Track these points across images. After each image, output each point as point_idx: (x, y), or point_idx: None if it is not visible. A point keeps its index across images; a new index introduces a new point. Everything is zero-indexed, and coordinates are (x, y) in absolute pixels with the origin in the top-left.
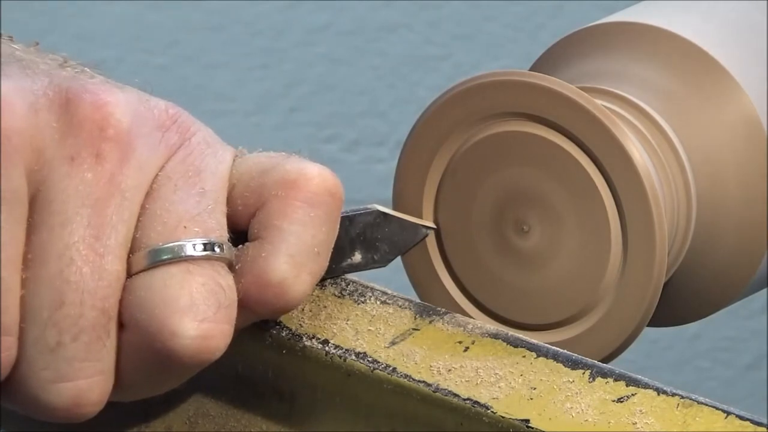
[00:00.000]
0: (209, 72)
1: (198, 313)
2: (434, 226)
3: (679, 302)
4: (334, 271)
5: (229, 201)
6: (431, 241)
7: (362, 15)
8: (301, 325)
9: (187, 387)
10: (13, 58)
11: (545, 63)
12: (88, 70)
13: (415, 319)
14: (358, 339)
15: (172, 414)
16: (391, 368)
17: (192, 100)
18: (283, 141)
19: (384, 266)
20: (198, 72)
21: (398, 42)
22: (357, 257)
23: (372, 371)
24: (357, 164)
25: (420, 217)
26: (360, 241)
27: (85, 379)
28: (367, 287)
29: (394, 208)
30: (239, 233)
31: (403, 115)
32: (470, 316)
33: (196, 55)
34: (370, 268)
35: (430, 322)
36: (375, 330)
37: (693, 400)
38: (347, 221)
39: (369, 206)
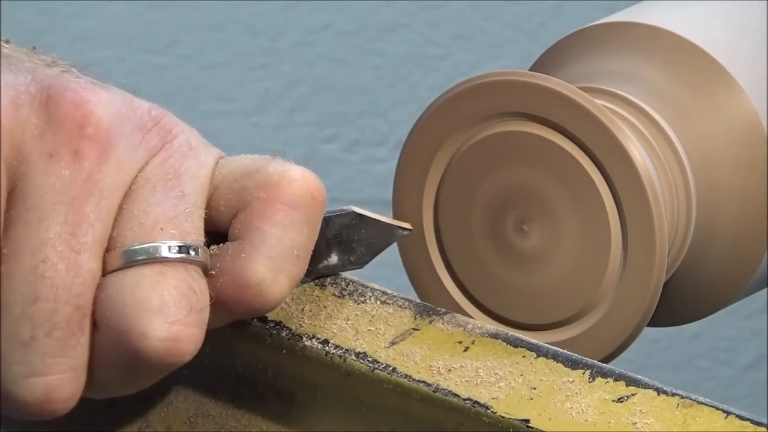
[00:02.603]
0: (209, 72)
1: (168, 315)
2: (411, 228)
3: (679, 302)
4: (310, 272)
5: (212, 202)
6: (431, 241)
7: (362, 15)
8: (301, 325)
9: (187, 387)
10: None
11: (545, 63)
12: (74, 70)
13: (415, 319)
14: (358, 339)
15: (172, 414)
16: (391, 368)
17: (192, 100)
18: (283, 141)
19: (360, 267)
20: (198, 72)
21: (398, 42)
22: (333, 259)
23: (372, 371)
24: (357, 164)
25: (420, 216)
26: (336, 242)
27: (56, 374)
28: (367, 287)
29: (394, 208)
30: (221, 234)
31: (403, 115)
32: (470, 316)
33: (196, 55)
34: (346, 270)
35: (430, 322)
36: (375, 330)
37: (693, 400)
38: (324, 222)
39: (345, 207)
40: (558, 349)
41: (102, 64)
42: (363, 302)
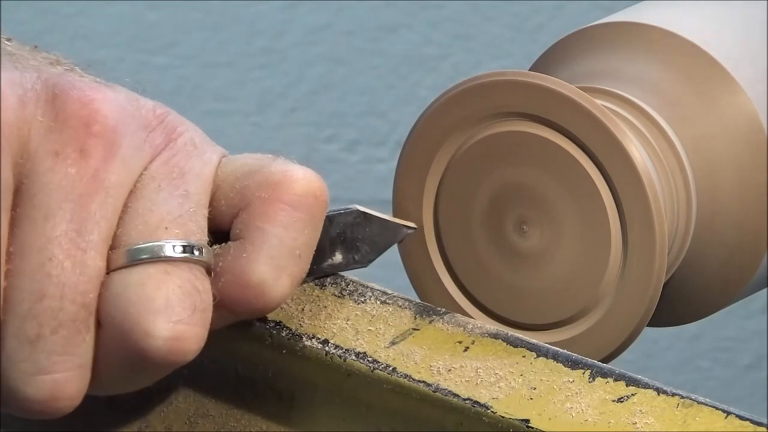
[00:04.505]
0: (209, 72)
1: (172, 314)
2: (415, 226)
3: (679, 302)
4: (315, 271)
5: (214, 201)
6: (431, 241)
7: (362, 15)
8: (301, 325)
9: (187, 387)
10: (4, 52)
11: (545, 63)
12: (78, 69)
13: (415, 319)
14: (358, 339)
15: (172, 414)
16: (391, 368)
17: (191, 100)
18: (283, 141)
19: (365, 266)
20: (197, 72)
21: (398, 42)
22: (338, 257)
23: (372, 371)
24: (357, 164)
25: (420, 216)
26: (340, 241)
27: (62, 372)
28: (367, 287)
29: (394, 208)
30: (222, 233)
31: (403, 115)
32: (470, 316)
33: (196, 54)
34: (351, 269)
35: (430, 322)
36: (375, 330)
37: (693, 400)
38: (327, 221)
39: (349, 206)
40: (558, 349)
41: (102, 64)
42: (363, 302)
